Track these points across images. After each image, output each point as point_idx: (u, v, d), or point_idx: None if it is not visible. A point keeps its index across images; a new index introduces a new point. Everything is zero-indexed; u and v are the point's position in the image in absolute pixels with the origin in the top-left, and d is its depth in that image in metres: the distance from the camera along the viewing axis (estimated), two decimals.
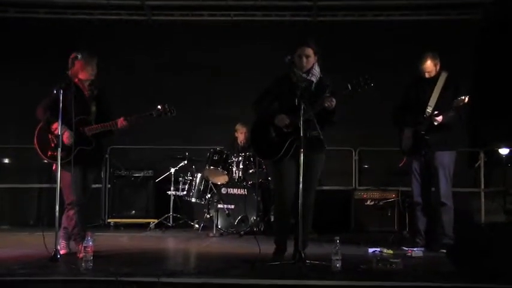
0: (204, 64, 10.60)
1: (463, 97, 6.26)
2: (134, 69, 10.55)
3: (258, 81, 6.04)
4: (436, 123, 6.47)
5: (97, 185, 9.40)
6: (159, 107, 5.92)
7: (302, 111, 5.32)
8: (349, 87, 5.42)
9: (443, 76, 6.69)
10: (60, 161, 5.52)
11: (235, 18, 10.84)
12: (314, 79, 5.63)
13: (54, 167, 5.71)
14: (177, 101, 6.08)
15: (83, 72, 5.95)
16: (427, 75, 6.69)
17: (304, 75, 5.63)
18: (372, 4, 10.49)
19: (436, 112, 6.49)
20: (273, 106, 5.78)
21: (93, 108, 6.03)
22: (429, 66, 6.67)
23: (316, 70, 5.66)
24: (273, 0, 10.54)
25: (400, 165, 6.97)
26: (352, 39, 10.48)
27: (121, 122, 5.87)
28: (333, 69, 5.86)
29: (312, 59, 5.63)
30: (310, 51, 5.63)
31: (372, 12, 10.67)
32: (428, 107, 6.61)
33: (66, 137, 5.79)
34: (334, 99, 5.40)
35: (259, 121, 5.84)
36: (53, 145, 5.91)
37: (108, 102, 6.11)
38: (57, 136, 5.63)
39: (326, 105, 5.37)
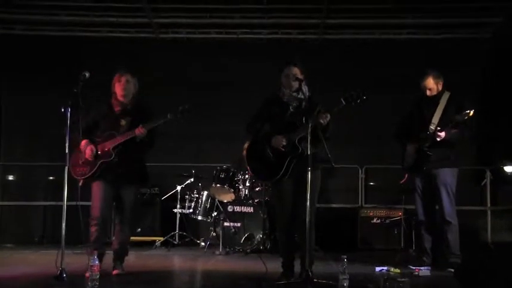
0: (211, 81, 10.63)
1: (468, 111, 6.29)
2: (141, 86, 10.55)
3: None
4: (438, 139, 6.48)
5: None
6: (169, 114, 6.02)
7: (299, 129, 5.45)
8: (343, 101, 5.48)
9: (446, 95, 6.76)
10: (83, 176, 5.90)
11: (242, 36, 10.89)
12: (304, 97, 5.66)
13: (80, 183, 5.92)
14: (191, 113, 6.11)
15: (116, 90, 6.14)
16: (428, 92, 6.76)
17: (294, 94, 5.68)
18: (380, 23, 10.50)
19: (438, 128, 6.51)
20: (266, 127, 5.82)
21: (123, 123, 6.10)
22: (430, 83, 6.75)
23: (305, 89, 5.68)
24: (280, 18, 10.56)
25: (402, 182, 7.01)
26: (360, 58, 10.50)
27: (139, 130, 5.91)
28: (340, 87, 5.89)
29: (300, 78, 5.65)
30: (297, 71, 5.69)
31: (380, 31, 10.69)
32: (432, 124, 6.65)
33: (88, 152, 5.97)
34: (328, 115, 5.44)
35: (254, 142, 5.87)
36: (80, 162, 6.04)
37: (145, 115, 6.10)
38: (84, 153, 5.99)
39: (321, 121, 5.40)
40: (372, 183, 10.51)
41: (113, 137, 6.01)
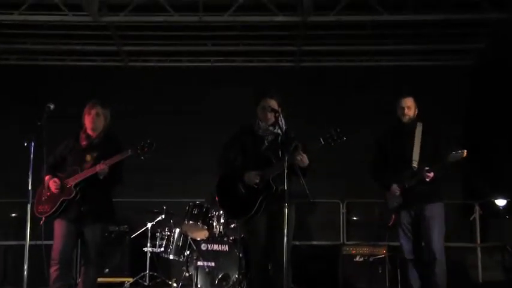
0: (184, 111, 10.72)
1: (461, 151, 6.28)
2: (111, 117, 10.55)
3: None
4: (428, 180, 6.47)
5: None
6: (130, 150, 5.95)
7: (274, 166, 5.47)
8: (322, 141, 5.47)
9: (419, 127, 6.67)
10: (45, 214, 5.88)
11: (216, 64, 10.99)
12: (280, 132, 5.68)
13: (41, 222, 5.89)
14: (155, 149, 6.10)
15: (85, 122, 6.15)
16: (405, 115, 6.60)
17: (270, 128, 5.72)
18: (359, 49, 10.67)
19: (427, 168, 6.42)
20: (238, 160, 5.83)
21: (89, 158, 6.06)
22: (410, 101, 6.64)
23: (282, 122, 5.69)
24: (255, 46, 10.69)
25: (390, 224, 6.90)
26: (338, 85, 10.67)
27: (99, 166, 5.86)
28: (318, 116, 5.95)
29: (276, 110, 5.63)
30: (274, 103, 5.69)
31: (359, 58, 10.85)
32: (414, 162, 6.56)
33: (53, 186, 5.95)
34: (305, 156, 5.44)
35: (225, 177, 5.88)
36: (43, 199, 6.03)
37: (114, 149, 6.03)
38: (48, 189, 5.97)
39: (297, 162, 5.40)
40: (354, 218, 10.51)
41: (75, 173, 5.96)
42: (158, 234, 9.20)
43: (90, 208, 5.99)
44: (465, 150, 6.27)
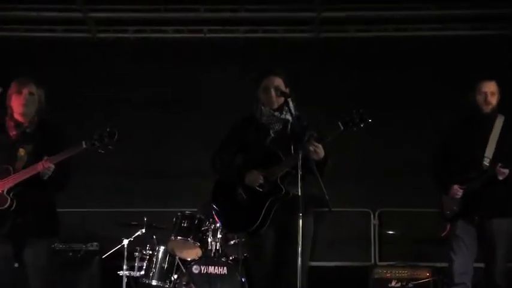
0: (167, 96, 10.75)
1: None
2: (75, 103, 10.55)
3: None
4: (501, 178, 6.42)
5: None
6: (84, 142, 5.73)
7: (282, 163, 5.45)
8: (341, 126, 5.39)
9: (500, 119, 6.68)
10: None
11: (210, 35, 10.96)
12: (289, 118, 5.66)
13: None
14: (130, 143, 6.07)
15: (13, 104, 5.93)
16: (487, 106, 6.58)
17: (276, 113, 5.70)
18: (393, 15, 10.63)
19: (500, 164, 6.40)
20: (238, 158, 5.84)
21: (22, 153, 5.91)
22: (493, 87, 6.62)
23: (292, 106, 5.65)
24: (261, 12, 10.66)
25: (443, 234, 6.86)
26: (367, 62, 10.60)
27: (43, 164, 5.65)
28: (339, 101, 5.91)
29: (284, 92, 5.63)
30: (280, 82, 5.69)
31: (394, 26, 10.80)
32: (485, 159, 6.57)
33: None
34: (320, 146, 5.41)
35: (221, 181, 5.88)
36: None
37: (54, 141, 5.93)
38: None
39: (312, 157, 5.36)
40: (389, 232, 10.50)
41: (6, 174, 5.76)
42: (137, 253, 9.19)
43: (30, 219, 5.81)
44: None
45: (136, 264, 9.15)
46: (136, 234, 9.25)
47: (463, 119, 6.88)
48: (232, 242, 8.71)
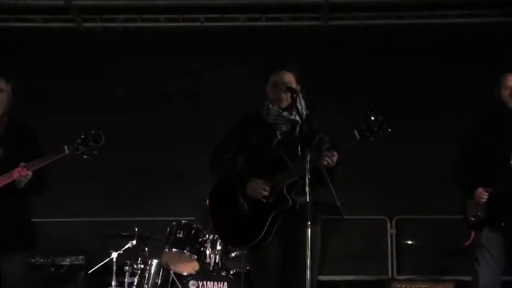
0: (162, 91, 10.76)
1: None
2: (58, 100, 10.55)
3: None
4: None
5: None
6: (66, 147, 5.70)
7: (289, 170, 5.41)
8: (357, 134, 5.35)
9: None
10: None
11: (208, 24, 10.94)
12: (299, 118, 5.60)
13: None
14: (121, 145, 6.03)
15: None
16: None
17: (284, 113, 5.65)
18: (413, 0, 10.59)
19: None
20: (240, 160, 5.81)
21: None
22: None
23: (301, 105, 5.61)
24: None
25: (467, 244, 6.85)
26: (383, 53, 10.57)
27: (19, 172, 5.62)
28: (351, 99, 5.87)
29: (294, 89, 5.57)
30: (290, 78, 5.66)
31: (412, 13, 10.76)
32: None
33: None
34: (335, 154, 5.37)
35: (220, 187, 5.87)
36: None
37: (27, 143, 5.93)
38: None
39: (325, 162, 5.34)
40: (407, 242, 10.49)
41: None
42: (128, 267, 9.17)
43: (3, 230, 5.78)
44: None
45: (126, 280, 9.11)
46: (127, 246, 9.22)
47: (486, 116, 6.86)
48: (233, 255, 8.68)
